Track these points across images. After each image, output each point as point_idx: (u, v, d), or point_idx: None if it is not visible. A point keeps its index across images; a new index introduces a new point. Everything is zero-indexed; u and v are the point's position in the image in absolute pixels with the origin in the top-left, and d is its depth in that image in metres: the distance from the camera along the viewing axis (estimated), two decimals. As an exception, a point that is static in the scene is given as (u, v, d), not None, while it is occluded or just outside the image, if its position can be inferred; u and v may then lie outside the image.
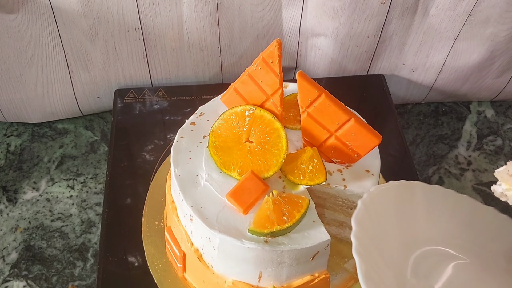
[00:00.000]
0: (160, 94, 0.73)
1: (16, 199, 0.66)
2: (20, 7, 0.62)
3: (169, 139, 0.68)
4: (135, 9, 0.65)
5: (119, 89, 0.74)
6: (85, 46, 0.68)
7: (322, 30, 0.69)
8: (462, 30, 0.68)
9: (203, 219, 0.45)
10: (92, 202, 0.66)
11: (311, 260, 0.46)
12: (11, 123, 0.76)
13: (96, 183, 0.68)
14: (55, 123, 0.76)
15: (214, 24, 0.68)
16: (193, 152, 0.51)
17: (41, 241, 0.62)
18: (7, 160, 0.71)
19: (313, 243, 0.44)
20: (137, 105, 0.72)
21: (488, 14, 0.66)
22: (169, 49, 0.71)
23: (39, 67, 0.68)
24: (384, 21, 0.68)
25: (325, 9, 0.66)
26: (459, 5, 0.65)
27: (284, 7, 0.68)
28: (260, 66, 0.49)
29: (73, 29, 0.66)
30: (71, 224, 0.64)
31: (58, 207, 0.65)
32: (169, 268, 0.54)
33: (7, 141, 0.73)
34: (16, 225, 0.64)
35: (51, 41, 0.66)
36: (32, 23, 0.64)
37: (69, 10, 0.63)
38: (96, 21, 0.65)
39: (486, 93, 0.78)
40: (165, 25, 0.67)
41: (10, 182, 0.68)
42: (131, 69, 0.73)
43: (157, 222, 0.58)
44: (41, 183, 0.68)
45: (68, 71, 0.70)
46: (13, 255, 0.61)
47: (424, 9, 0.67)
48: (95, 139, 0.74)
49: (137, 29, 0.67)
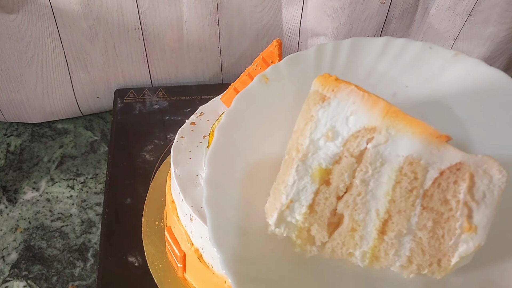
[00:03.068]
0: (160, 94, 0.73)
1: (16, 199, 0.66)
2: (20, 7, 0.62)
3: (169, 139, 0.68)
4: (135, 10, 0.65)
5: (119, 89, 0.74)
6: (85, 46, 0.68)
7: (322, 30, 0.69)
8: (462, 30, 0.68)
9: (203, 219, 0.45)
10: (92, 202, 0.66)
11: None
12: (11, 123, 0.76)
13: (96, 183, 0.68)
14: (55, 123, 0.76)
15: (214, 24, 0.68)
16: (193, 152, 0.51)
17: (41, 241, 0.62)
18: (7, 160, 0.71)
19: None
20: (137, 105, 0.72)
21: (488, 14, 0.66)
22: (168, 49, 0.71)
23: (39, 67, 0.68)
24: (384, 21, 0.68)
25: (325, 9, 0.66)
26: (459, 5, 0.65)
27: (284, 7, 0.68)
28: (260, 66, 0.49)
29: (73, 30, 0.66)
30: (71, 224, 0.64)
31: (58, 207, 0.65)
32: (169, 268, 0.54)
33: (7, 141, 0.73)
34: (16, 225, 0.64)
35: (51, 42, 0.66)
36: (32, 24, 0.64)
37: (69, 11, 0.63)
38: (96, 21, 0.65)
39: (486, 93, 0.78)
40: (164, 26, 0.67)
41: (10, 182, 0.68)
42: (131, 69, 0.73)
43: (157, 222, 0.58)
44: (41, 183, 0.68)
45: (68, 71, 0.70)
46: (13, 255, 0.61)
47: (424, 9, 0.67)
48: (95, 139, 0.74)
49: (137, 30, 0.67)
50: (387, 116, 0.35)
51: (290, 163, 0.37)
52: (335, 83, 0.37)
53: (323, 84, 0.37)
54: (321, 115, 0.37)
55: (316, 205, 0.37)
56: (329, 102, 0.37)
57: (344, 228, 0.37)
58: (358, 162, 0.36)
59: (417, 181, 0.36)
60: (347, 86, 0.36)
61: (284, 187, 0.37)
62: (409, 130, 0.35)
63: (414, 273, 0.37)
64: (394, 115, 0.35)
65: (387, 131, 0.35)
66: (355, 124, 0.36)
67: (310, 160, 0.37)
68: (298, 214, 0.37)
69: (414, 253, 0.36)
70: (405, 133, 0.35)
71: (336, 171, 0.36)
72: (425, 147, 0.35)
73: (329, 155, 0.36)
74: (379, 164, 0.36)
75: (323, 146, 0.36)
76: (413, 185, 0.36)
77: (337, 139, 0.36)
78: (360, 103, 0.36)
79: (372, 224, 0.36)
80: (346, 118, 0.36)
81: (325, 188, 0.37)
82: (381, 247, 0.37)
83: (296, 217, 0.37)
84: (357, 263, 0.37)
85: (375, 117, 0.35)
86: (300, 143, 0.37)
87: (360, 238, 0.37)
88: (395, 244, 0.36)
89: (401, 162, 0.35)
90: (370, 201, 0.36)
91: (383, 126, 0.35)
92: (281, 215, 0.37)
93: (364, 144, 0.36)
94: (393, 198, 0.36)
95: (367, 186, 0.36)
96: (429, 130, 0.35)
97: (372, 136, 0.36)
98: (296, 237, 0.37)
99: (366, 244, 0.37)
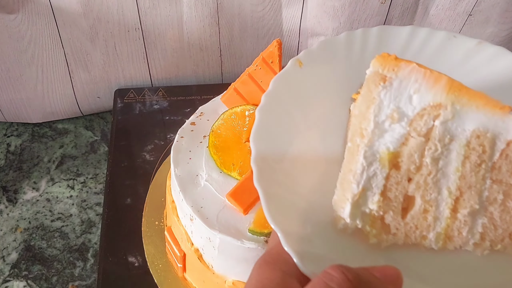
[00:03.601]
0: (160, 94, 0.73)
1: (16, 199, 0.66)
2: (20, 7, 0.61)
3: (169, 139, 0.68)
4: (135, 9, 0.65)
5: (119, 89, 0.74)
6: (85, 46, 0.68)
7: (322, 30, 0.69)
8: (462, 30, 0.68)
9: (203, 219, 0.45)
10: (92, 202, 0.66)
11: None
12: (11, 123, 0.76)
13: (96, 183, 0.68)
14: (55, 123, 0.76)
15: (214, 24, 0.68)
16: (193, 152, 0.51)
17: (41, 241, 0.62)
18: (7, 160, 0.71)
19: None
20: (137, 105, 0.72)
21: (488, 14, 0.66)
22: (169, 49, 0.71)
23: (39, 67, 0.68)
24: (384, 21, 0.68)
25: (325, 9, 0.66)
26: (459, 5, 0.65)
27: (284, 7, 0.68)
28: (260, 66, 0.49)
29: (73, 29, 0.66)
30: (71, 224, 0.64)
31: (58, 207, 0.65)
32: (169, 268, 0.54)
33: (7, 141, 0.73)
34: (16, 225, 0.64)
35: (51, 41, 0.66)
36: (32, 23, 0.63)
37: (69, 10, 0.63)
38: (96, 21, 0.65)
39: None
40: (165, 25, 0.67)
41: (10, 182, 0.68)
42: (131, 69, 0.73)
43: (157, 222, 0.58)
44: (41, 183, 0.68)
45: (68, 71, 0.70)
46: (13, 255, 0.61)
47: (424, 9, 0.66)
48: (95, 139, 0.74)
49: (137, 29, 0.67)
50: (451, 92, 0.35)
51: (355, 150, 0.36)
52: (395, 62, 0.36)
53: (383, 64, 0.36)
54: (383, 96, 0.36)
55: (388, 191, 0.36)
56: (390, 82, 0.36)
57: (416, 210, 0.36)
58: (426, 141, 0.35)
59: (485, 154, 0.35)
60: (408, 64, 0.35)
61: (353, 176, 0.35)
62: (473, 104, 0.35)
63: (488, 250, 0.36)
64: (458, 90, 0.35)
65: (452, 106, 0.35)
66: (419, 102, 0.35)
67: (376, 144, 0.35)
68: (372, 203, 0.35)
69: (487, 228, 0.36)
70: (470, 107, 0.35)
71: (405, 152, 0.35)
72: (490, 119, 0.34)
73: (395, 137, 0.35)
74: (448, 140, 0.35)
75: (389, 128, 0.35)
76: (482, 158, 0.35)
77: (403, 119, 0.35)
78: (422, 80, 0.35)
79: (444, 203, 0.36)
80: (409, 97, 0.35)
81: (396, 172, 0.36)
82: (454, 226, 0.36)
83: (370, 206, 0.35)
84: (431, 246, 0.36)
85: (439, 93, 0.35)
86: (364, 127, 0.36)
87: (433, 219, 0.36)
88: (468, 221, 0.35)
89: (469, 136, 0.35)
90: (441, 179, 0.35)
91: (448, 101, 0.35)
92: (354, 205, 0.35)
93: (431, 122, 0.35)
94: (463, 174, 0.35)
95: (437, 164, 0.35)
96: (492, 102, 0.35)
97: (439, 112, 0.35)
98: (370, 227, 0.36)
99: (439, 224, 0.36)
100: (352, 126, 0.38)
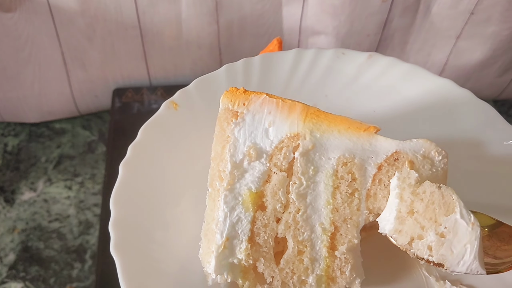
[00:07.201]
0: (158, 93, 0.73)
1: (13, 199, 0.66)
2: (17, 5, 0.61)
3: (168, 138, 0.67)
4: (133, 7, 0.64)
5: (117, 88, 0.73)
6: (82, 44, 0.67)
7: (322, 28, 0.68)
8: (464, 29, 0.68)
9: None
10: (90, 202, 0.65)
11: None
12: (8, 123, 0.75)
13: (94, 184, 0.67)
14: (52, 122, 0.75)
15: (213, 22, 0.68)
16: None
17: (38, 242, 0.62)
18: (4, 160, 0.70)
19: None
20: (135, 105, 0.71)
21: (490, 13, 0.65)
22: (167, 47, 0.70)
23: (36, 65, 0.68)
24: (385, 20, 0.67)
25: (325, 7, 0.65)
26: (461, 4, 0.64)
27: (284, 5, 0.67)
28: (260, 65, 0.49)
29: (70, 28, 0.65)
30: (69, 225, 0.63)
31: (55, 208, 0.65)
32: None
33: (4, 141, 0.73)
34: (14, 226, 0.63)
35: (48, 40, 0.65)
36: (29, 22, 0.63)
37: (66, 9, 0.63)
38: (94, 19, 0.65)
39: (488, 92, 0.78)
40: (163, 23, 0.67)
41: (7, 182, 0.68)
42: (129, 68, 0.72)
43: (155, 223, 0.57)
44: (39, 183, 0.68)
45: (65, 70, 0.70)
46: (10, 256, 0.60)
47: (426, 8, 0.66)
48: (92, 139, 0.73)
49: (135, 27, 0.67)
50: (308, 119, 0.33)
51: (215, 196, 0.33)
52: (245, 96, 0.34)
53: (232, 99, 0.34)
54: (237, 134, 0.33)
55: (256, 236, 0.32)
56: (243, 118, 0.34)
57: (290, 253, 0.32)
58: (289, 175, 0.33)
59: (356, 182, 0.33)
60: (258, 96, 0.33)
61: (216, 225, 0.32)
62: (335, 129, 0.32)
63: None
64: (315, 116, 0.33)
65: (311, 134, 0.33)
66: (276, 135, 0.33)
67: (237, 186, 0.33)
68: (239, 252, 0.32)
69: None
70: (331, 133, 0.32)
71: (268, 191, 0.33)
72: (356, 143, 0.32)
73: (256, 175, 0.33)
74: (312, 172, 0.33)
75: (248, 167, 0.33)
76: (353, 187, 0.33)
77: (262, 156, 0.33)
78: (276, 111, 0.33)
79: (320, 241, 0.32)
80: (265, 130, 0.33)
81: (262, 213, 0.33)
82: (334, 266, 0.32)
83: (238, 256, 0.32)
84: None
85: (296, 122, 0.33)
86: (222, 169, 0.33)
87: (310, 260, 0.32)
88: (349, 258, 0.32)
89: (335, 165, 0.33)
90: (312, 215, 0.33)
91: (306, 130, 0.33)
92: (219, 258, 0.32)
93: (291, 155, 0.33)
94: (335, 206, 0.32)
95: (305, 199, 0.33)
96: (355, 124, 0.32)
97: (298, 143, 0.33)
98: (242, 279, 0.32)
99: (318, 266, 0.32)
100: (210, 170, 0.35)
